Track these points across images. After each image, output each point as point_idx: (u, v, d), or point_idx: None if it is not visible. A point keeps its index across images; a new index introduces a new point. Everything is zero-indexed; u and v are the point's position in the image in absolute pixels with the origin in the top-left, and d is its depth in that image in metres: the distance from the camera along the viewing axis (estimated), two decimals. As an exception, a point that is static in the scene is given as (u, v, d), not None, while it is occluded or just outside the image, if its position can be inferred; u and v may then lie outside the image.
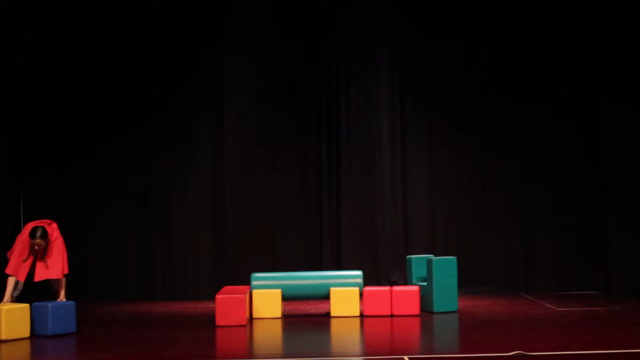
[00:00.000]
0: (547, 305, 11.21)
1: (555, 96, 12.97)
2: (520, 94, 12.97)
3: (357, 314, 10.49)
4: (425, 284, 10.83)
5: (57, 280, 9.84)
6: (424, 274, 11.13)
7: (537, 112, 12.99)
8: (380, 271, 12.80)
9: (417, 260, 11.30)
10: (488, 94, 13.02)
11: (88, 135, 12.78)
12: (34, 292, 10.50)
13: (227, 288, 10.72)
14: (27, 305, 9.24)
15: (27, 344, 8.90)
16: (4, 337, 8.93)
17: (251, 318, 10.43)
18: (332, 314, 10.52)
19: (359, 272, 10.85)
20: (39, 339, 9.09)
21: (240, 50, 13.00)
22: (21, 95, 12.56)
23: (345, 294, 10.53)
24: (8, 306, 9.10)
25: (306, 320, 10.36)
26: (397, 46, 13.06)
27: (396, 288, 10.62)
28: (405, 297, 10.48)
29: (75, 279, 12.59)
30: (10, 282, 9.55)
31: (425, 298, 10.69)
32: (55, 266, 9.68)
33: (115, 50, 12.77)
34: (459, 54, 12.98)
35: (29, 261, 9.61)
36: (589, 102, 12.86)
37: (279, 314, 10.52)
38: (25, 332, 9.15)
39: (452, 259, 10.81)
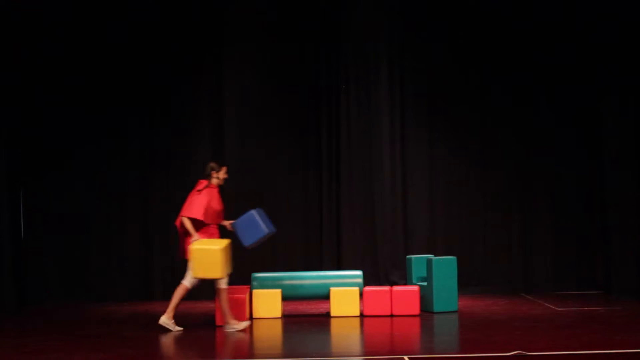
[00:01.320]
0: (547, 305, 11.21)
1: (555, 96, 12.97)
2: (520, 94, 12.97)
3: (357, 314, 10.49)
4: (425, 284, 10.82)
5: None
6: (424, 274, 11.13)
7: (537, 112, 12.99)
8: (380, 271, 12.80)
9: (417, 260, 11.30)
10: (488, 94, 13.01)
11: (88, 134, 12.77)
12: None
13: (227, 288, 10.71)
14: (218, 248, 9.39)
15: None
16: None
17: (251, 318, 10.43)
18: (332, 314, 10.52)
19: (359, 272, 10.85)
20: None
21: (240, 50, 12.99)
22: (21, 93, 12.55)
23: (345, 294, 10.53)
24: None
25: (306, 320, 10.36)
26: (397, 46, 13.06)
27: (396, 288, 10.61)
28: (405, 297, 10.48)
29: (75, 279, 12.67)
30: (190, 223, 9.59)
31: (425, 298, 10.69)
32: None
33: (115, 50, 12.76)
34: (459, 54, 12.98)
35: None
36: (589, 102, 12.86)
37: (279, 314, 10.52)
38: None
39: (452, 259, 10.81)
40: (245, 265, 12.44)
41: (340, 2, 12.98)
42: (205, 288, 12.44)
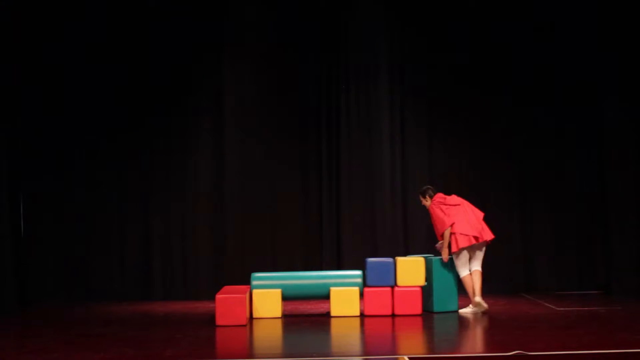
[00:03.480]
0: (547, 305, 11.21)
1: (555, 96, 12.97)
2: (520, 94, 12.98)
3: (357, 313, 10.49)
4: (425, 284, 10.82)
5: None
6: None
7: (537, 112, 12.99)
8: (380, 271, 12.79)
9: (417, 260, 11.28)
10: (488, 94, 13.02)
11: (88, 134, 12.78)
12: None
13: (227, 288, 10.73)
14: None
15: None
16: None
17: (251, 318, 10.43)
18: (332, 313, 10.52)
19: (359, 272, 10.84)
20: None
21: (240, 50, 12.99)
22: (21, 94, 12.55)
23: (345, 293, 10.53)
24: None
25: (306, 320, 10.37)
26: (397, 46, 13.06)
27: (397, 288, 10.61)
28: (406, 296, 10.48)
29: (75, 279, 12.67)
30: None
31: (426, 298, 10.68)
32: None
33: (115, 50, 12.77)
34: (459, 54, 12.97)
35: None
36: (589, 102, 12.87)
37: (279, 314, 10.52)
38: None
39: (452, 259, 10.80)
40: (245, 265, 12.47)
41: (340, 2, 12.99)
42: (205, 288, 12.50)
